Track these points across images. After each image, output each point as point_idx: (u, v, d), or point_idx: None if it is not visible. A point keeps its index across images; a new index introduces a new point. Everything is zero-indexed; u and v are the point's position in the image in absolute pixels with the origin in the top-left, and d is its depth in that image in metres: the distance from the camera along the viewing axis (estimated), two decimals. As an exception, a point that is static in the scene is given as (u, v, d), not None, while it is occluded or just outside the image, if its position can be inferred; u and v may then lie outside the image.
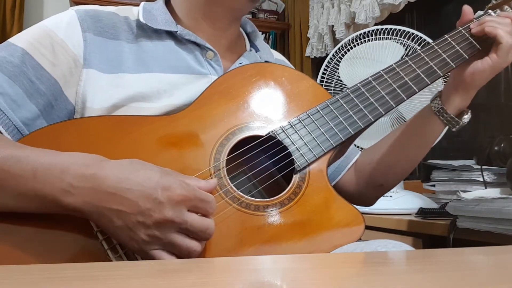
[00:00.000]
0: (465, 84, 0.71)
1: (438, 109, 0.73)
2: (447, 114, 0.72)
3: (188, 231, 0.51)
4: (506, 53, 0.68)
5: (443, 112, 0.72)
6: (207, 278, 0.34)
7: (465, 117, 0.72)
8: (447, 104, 0.72)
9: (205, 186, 0.54)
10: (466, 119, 0.72)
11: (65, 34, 0.64)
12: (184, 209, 0.50)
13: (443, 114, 0.72)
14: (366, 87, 0.69)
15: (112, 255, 0.52)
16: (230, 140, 0.62)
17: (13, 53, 0.61)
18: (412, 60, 0.71)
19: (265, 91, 0.67)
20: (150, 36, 0.69)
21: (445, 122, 0.73)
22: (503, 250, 0.49)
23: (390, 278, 0.33)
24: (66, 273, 0.34)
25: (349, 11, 2.20)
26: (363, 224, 0.61)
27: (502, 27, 0.69)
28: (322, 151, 0.64)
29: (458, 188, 1.09)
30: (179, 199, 0.50)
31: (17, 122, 0.58)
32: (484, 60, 0.69)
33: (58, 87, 0.62)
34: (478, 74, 0.70)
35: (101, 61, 0.64)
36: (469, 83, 0.71)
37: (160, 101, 0.64)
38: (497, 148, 1.06)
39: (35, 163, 0.50)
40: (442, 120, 0.73)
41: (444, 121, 0.73)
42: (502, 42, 0.68)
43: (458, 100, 0.72)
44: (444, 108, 0.72)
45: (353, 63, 1.35)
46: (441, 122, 0.73)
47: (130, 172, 0.50)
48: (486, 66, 0.69)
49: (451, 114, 0.72)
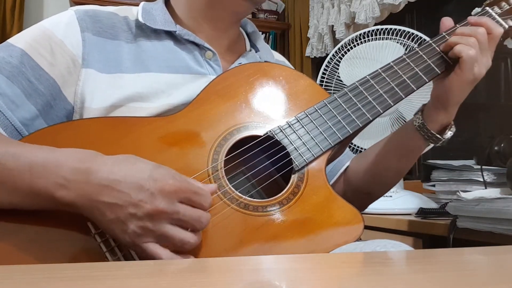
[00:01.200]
0: (442, 101, 0.68)
1: (419, 124, 0.70)
2: (427, 130, 0.69)
3: (181, 222, 0.50)
4: (470, 66, 0.65)
5: (424, 127, 0.70)
6: (207, 278, 0.34)
7: (448, 133, 0.70)
8: (428, 120, 0.70)
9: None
10: (448, 135, 0.70)
11: (64, 34, 0.64)
12: (176, 200, 0.50)
13: (424, 129, 0.70)
14: (364, 85, 0.68)
15: (110, 257, 0.52)
16: (228, 140, 0.62)
17: (12, 54, 0.61)
18: (410, 58, 0.70)
19: (263, 90, 0.67)
20: (149, 36, 0.69)
21: (425, 137, 0.70)
22: (503, 250, 0.49)
23: (390, 278, 0.33)
24: (66, 273, 0.34)
25: (349, 11, 2.19)
26: (362, 223, 0.61)
27: (463, 40, 0.65)
28: (320, 150, 0.64)
29: (458, 188, 1.09)
30: (171, 190, 0.49)
31: (15, 123, 0.59)
32: (451, 76, 0.67)
33: (56, 87, 0.62)
34: (450, 91, 0.67)
35: (100, 61, 0.64)
36: (446, 100, 0.68)
37: (159, 101, 0.64)
38: (497, 148, 1.06)
39: (31, 158, 0.50)
40: (423, 136, 0.70)
41: (425, 136, 0.70)
42: (462, 55, 0.64)
43: (439, 117, 0.69)
44: (425, 124, 0.69)
45: (353, 63, 1.35)
46: (422, 137, 0.70)
47: (123, 166, 0.50)
48: (454, 82, 0.66)
49: (432, 130, 0.69)
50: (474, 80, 0.66)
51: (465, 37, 0.66)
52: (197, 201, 0.51)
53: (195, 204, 0.51)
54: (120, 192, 0.49)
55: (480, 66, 0.66)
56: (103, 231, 0.52)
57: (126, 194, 0.49)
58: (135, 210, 0.48)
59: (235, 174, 0.62)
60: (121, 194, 0.49)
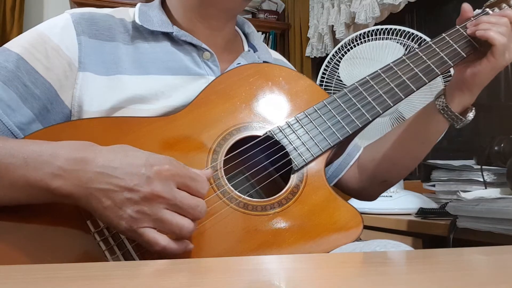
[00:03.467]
0: (468, 84, 0.72)
1: (443, 107, 0.74)
2: (451, 112, 0.73)
3: (178, 208, 0.49)
4: (502, 53, 0.69)
5: (448, 110, 0.73)
6: (207, 278, 0.34)
7: (469, 114, 0.73)
8: (452, 102, 0.73)
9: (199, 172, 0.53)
10: (471, 116, 0.73)
11: (60, 38, 0.64)
12: (173, 185, 0.49)
13: (448, 112, 0.73)
14: (364, 86, 0.69)
15: (109, 256, 0.52)
16: (228, 141, 0.62)
17: (7, 59, 0.61)
18: (410, 59, 0.71)
19: (263, 91, 0.67)
20: (146, 37, 0.69)
21: (449, 120, 0.74)
22: (503, 250, 0.49)
23: (390, 278, 0.33)
24: (66, 273, 0.34)
25: (349, 11, 2.19)
26: (361, 223, 0.61)
27: (494, 28, 0.69)
28: (319, 150, 0.64)
29: (458, 188, 1.09)
30: (168, 174, 0.49)
31: (12, 127, 0.59)
32: (482, 62, 0.70)
33: (53, 91, 0.62)
34: (479, 75, 0.71)
35: (97, 64, 0.64)
36: (472, 83, 0.72)
37: (158, 103, 0.64)
38: (497, 148, 1.06)
39: (26, 151, 0.50)
40: (447, 118, 0.74)
41: (449, 119, 0.74)
42: (495, 43, 0.68)
43: (462, 98, 0.73)
44: (449, 106, 0.73)
45: (353, 63, 1.35)
46: (445, 119, 0.74)
47: (119, 153, 0.50)
48: (485, 67, 0.70)
49: (456, 112, 0.73)
50: (504, 66, 0.71)
51: (496, 25, 0.70)
52: (194, 187, 0.51)
53: (191, 190, 0.51)
54: (115, 178, 0.48)
55: (510, 52, 0.70)
56: (100, 220, 0.51)
57: (121, 179, 0.48)
58: (131, 195, 0.48)
59: (234, 174, 0.62)
60: (116, 180, 0.48)
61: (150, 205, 0.48)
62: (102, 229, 0.52)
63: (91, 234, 0.52)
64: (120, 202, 0.48)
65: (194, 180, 0.51)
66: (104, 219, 0.50)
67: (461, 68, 0.73)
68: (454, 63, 0.71)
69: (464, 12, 0.75)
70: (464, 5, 0.75)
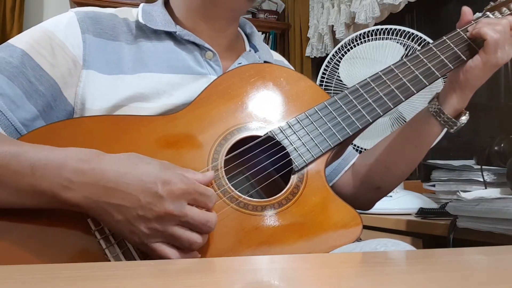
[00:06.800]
0: (461, 84, 0.71)
1: (435, 110, 0.73)
2: (444, 115, 0.72)
3: (189, 224, 0.51)
4: (493, 49, 0.68)
5: (440, 113, 0.72)
6: (207, 278, 0.34)
7: (463, 118, 0.73)
8: (444, 105, 0.72)
9: (202, 179, 0.54)
10: (464, 120, 0.73)
11: (65, 35, 0.64)
12: (184, 203, 0.50)
13: (440, 115, 0.73)
14: (364, 88, 0.69)
15: (110, 254, 0.52)
16: (229, 140, 0.62)
17: (12, 54, 0.61)
18: (411, 62, 0.71)
19: (264, 91, 0.67)
20: (149, 37, 0.69)
21: (442, 123, 0.73)
22: (503, 250, 0.49)
23: (390, 278, 0.33)
24: (66, 273, 0.34)
25: (349, 11, 2.20)
26: (361, 224, 0.61)
27: (490, 26, 0.69)
28: (320, 151, 0.64)
29: (458, 188, 1.09)
30: (179, 193, 0.50)
31: (16, 123, 0.58)
32: (474, 58, 0.70)
33: (57, 88, 0.62)
34: (470, 73, 0.70)
35: (101, 62, 0.64)
36: (464, 83, 0.71)
37: (160, 101, 0.64)
38: (497, 148, 1.06)
39: (33, 158, 0.50)
40: (440, 121, 0.73)
41: (442, 122, 0.73)
42: (487, 38, 0.68)
43: (455, 101, 0.72)
44: (442, 109, 0.72)
45: (353, 63, 1.35)
46: (438, 123, 0.73)
47: (128, 166, 0.50)
48: (476, 63, 0.69)
49: (448, 115, 0.72)
50: (496, 65, 0.69)
51: (491, 24, 0.69)
52: (203, 201, 0.52)
53: (200, 204, 0.52)
54: (128, 195, 0.49)
55: (503, 52, 0.69)
56: (111, 231, 0.52)
57: (134, 196, 0.49)
58: (144, 213, 0.49)
59: (235, 174, 0.62)
60: (129, 196, 0.49)
61: (162, 223, 0.49)
62: (103, 227, 0.52)
63: (91, 233, 0.52)
64: (132, 218, 0.49)
65: (203, 195, 0.52)
66: (116, 231, 0.51)
67: (455, 69, 0.72)
68: (454, 66, 0.71)
69: (464, 15, 0.75)
70: (464, 8, 0.75)
